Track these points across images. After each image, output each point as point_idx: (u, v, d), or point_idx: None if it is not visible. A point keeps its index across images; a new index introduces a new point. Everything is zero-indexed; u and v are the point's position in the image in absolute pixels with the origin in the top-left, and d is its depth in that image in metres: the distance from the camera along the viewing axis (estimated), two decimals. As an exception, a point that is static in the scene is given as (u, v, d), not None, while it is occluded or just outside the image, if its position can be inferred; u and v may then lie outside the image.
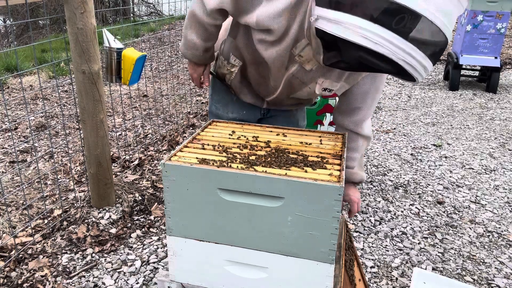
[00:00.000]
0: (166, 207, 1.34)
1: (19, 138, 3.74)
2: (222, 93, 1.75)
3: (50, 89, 5.08)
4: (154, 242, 2.35)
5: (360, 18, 1.04)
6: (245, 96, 1.70)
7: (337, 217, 1.20)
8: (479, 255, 2.30)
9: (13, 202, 2.68)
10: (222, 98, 1.76)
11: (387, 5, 1.02)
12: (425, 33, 1.06)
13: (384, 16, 1.02)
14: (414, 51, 1.05)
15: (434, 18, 1.03)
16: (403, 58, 1.05)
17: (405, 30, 1.04)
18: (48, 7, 9.07)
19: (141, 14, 11.74)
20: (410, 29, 1.05)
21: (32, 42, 3.00)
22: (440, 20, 1.03)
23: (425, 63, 1.08)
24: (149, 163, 3.25)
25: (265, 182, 1.22)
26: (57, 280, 2.05)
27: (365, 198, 2.84)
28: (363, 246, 2.34)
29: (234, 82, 1.66)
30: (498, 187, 3.04)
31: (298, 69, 1.46)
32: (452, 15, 1.06)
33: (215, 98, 1.80)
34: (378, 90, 1.52)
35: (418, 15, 1.02)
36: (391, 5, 1.01)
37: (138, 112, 4.37)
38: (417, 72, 1.09)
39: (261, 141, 1.50)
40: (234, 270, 1.37)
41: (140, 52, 2.27)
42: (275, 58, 1.42)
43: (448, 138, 3.95)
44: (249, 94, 1.70)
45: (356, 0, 1.05)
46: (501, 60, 5.62)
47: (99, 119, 2.41)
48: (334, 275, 1.28)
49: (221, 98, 1.76)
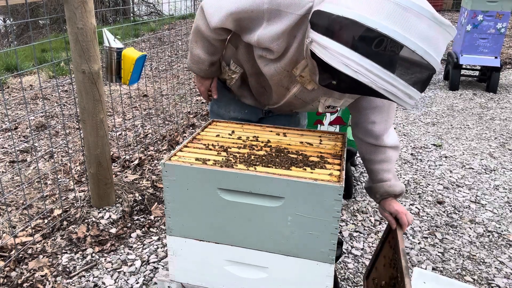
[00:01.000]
0: (166, 207, 1.34)
1: (19, 138, 3.74)
2: (224, 92, 1.75)
3: (50, 89, 5.08)
4: (154, 242, 2.35)
5: (343, 45, 1.04)
6: (246, 99, 1.71)
7: (337, 217, 1.20)
8: (479, 255, 2.30)
9: (13, 202, 2.68)
10: (223, 97, 1.76)
11: (367, 34, 1.01)
12: (407, 62, 1.04)
13: (364, 44, 1.02)
14: (394, 79, 1.04)
15: (416, 47, 1.01)
16: (383, 86, 1.04)
17: (385, 58, 1.03)
18: (48, 7, 9.07)
19: (141, 14, 11.73)
20: (391, 57, 1.03)
21: (32, 42, 3.00)
22: (423, 49, 1.02)
23: (408, 91, 1.07)
24: (149, 163, 3.25)
25: (265, 182, 1.22)
26: (57, 280, 2.05)
27: (365, 198, 2.84)
28: (363, 246, 2.34)
29: (234, 87, 1.67)
30: (498, 187, 3.04)
31: (300, 90, 1.47)
32: (438, 43, 1.04)
33: (218, 98, 1.80)
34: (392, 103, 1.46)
35: (399, 44, 1.01)
36: (371, 33, 1.01)
37: (138, 112, 4.36)
38: (400, 100, 1.08)
39: (261, 141, 1.50)
40: (234, 270, 1.37)
41: (140, 52, 2.27)
42: (273, 75, 1.43)
43: (448, 138, 3.95)
44: (249, 97, 1.70)
45: (340, 28, 1.05)
46: (501, 60, 5.61)
47: (99, 119, 2.41)
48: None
49: (222, 97, 1.76)
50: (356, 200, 2.81)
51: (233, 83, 1.65)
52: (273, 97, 1.57)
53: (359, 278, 2.10)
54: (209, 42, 1.51)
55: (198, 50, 1.55)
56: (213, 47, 1.53)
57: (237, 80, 1.63)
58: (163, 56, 6.38)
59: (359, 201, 2.80)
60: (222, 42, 1.53)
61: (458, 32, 5.59)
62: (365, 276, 1.70)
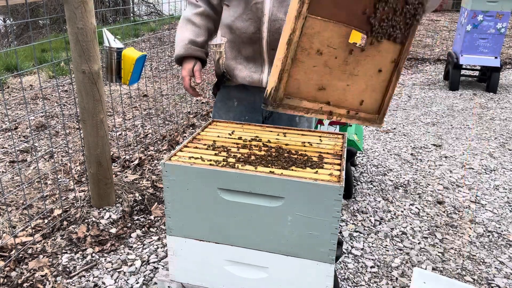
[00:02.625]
0: (166, 207, 1.34)
1: (19, 138, 3.74)
2: (224, 100, 1.77)
3: (50, 89, 5.08)
4: (154, 242, 2.35)
5: None
6: (241, 72, 1.66)
7: (337, 217, 1.20)
8: (479, 255, 2.30)
9: (13, 202, 2.68)
10: (224, 105, 1.77)
11: None
12: None
13: None
14: None
15: None
16: None
17: None
18: (48, 6, 9.07)
19: (141, 14, 11.73)
20: None
21: (32, 42, 3.00)
22: None
23: None
24: (149, 163, 3.26)
25: (265, 182, 1.22)
26: (57, 280, 2.05)
27: (365, 198, 2.84)
28: (363, 246, 2.34)
29: (227, 62, 1.67)
30: (498, 187, 3.04)
31: None
32: None
33: (217, 105, 1.82)
34: None
35: None
36: None
37: (138, 112, 4.37)
38: None
39: (261, 141, 1.50)
40: (234, 270, 1.37)
41: (140, 52, 2.27)
42: None
43: (448, 138, 3.95)
44: (245, 69, 1.66)
45: None
46: (501, 60, 5.61)
47: (99, 119, 2.41)
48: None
49: (223, 105, 1.77)
50: (356, 200, 2.81)
51: (225, 57, 1.66)
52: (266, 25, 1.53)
53: (359, 278, 2.11)
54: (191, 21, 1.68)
55: (180, 34, 1.69)
56: (195, 26, 1.67)
57: (227, 52, 1.65)
58: (163, 56, 6.38)
59: (359, 201, 2.80)
60: (202, 17, 1.68)
61: (458, 32, 5.60)
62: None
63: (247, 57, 1.63)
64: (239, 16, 1.57)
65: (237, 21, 1.58)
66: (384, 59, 1.34)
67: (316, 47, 1.12)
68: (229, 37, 1.63)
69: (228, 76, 1.70)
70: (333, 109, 1.30)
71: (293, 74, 1.10)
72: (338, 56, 1.20)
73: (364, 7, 1.18)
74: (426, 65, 6.79)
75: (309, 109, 1.21)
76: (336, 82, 1.24)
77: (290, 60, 1.06)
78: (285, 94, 1.11)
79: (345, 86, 1.27)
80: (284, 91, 1.10)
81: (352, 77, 1.28)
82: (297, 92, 1.15)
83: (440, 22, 10.23)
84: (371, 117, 1.45)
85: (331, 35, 1.14)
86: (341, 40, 1.18)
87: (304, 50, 1.09)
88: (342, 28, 1.15)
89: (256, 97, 1.71)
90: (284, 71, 1.06)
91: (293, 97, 1.15)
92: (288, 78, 1.08)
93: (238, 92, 1.75)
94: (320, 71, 1.17)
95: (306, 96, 1.20)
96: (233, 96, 1.76)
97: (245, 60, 1.64)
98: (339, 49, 1.18)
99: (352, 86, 1.30)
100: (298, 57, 1.08)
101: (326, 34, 1.12)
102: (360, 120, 1.41)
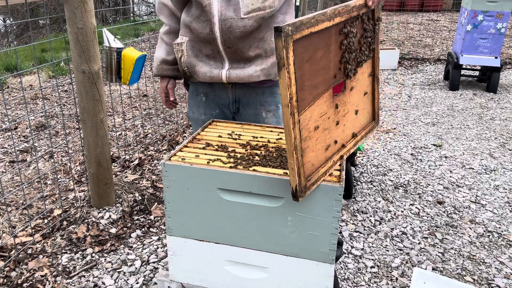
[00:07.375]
0: (166, 207, 1.34)
1: (19, 138, 3.74)
2: (194, 96, 1.85)
3: (50, 89, 5.08)
4: (154, 242, 2.35)
5: None
6: (202, 68, 1.70)
7: (337, 217, 1.20)
8: (479, 255, 2.30)
9: (13, 202, 2.68)
10: (194, 100, 1.85)
11: None
12: None
13: None
14: None
15: None
16: None
17: None
18: (48, 6, 9.07)
19: (141, 14, 11.73)
20: None
21: (32, 42, 3.00)
22: None
23: None
24: (149, 163, 3.25)
25: (265, 182, 1.22)
26: (57, 280, 2.05)
27: (365, 198, 2.84)
28: (363, 246, 2.34)
29: (189, 60, 1.71)
30: (498, 187, 3.04)
31: None
32: None
33: (189, 102, 1.90)
34: None
35: None
36: None
37: (138, 112, 4.36)
38: None
39: (261, 141, 1.50)
40: (234, 270, 1.37)
41: (140, 52, 2.26)
42: None
43: (448, 138, 3.95)
44: (205, 66, 1.69)
45: None
46: (501, 60, 5.61)
47: (99, 119, 2.41)
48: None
49: (194, 102, 1.85)
50: (356, 200, 2.81)
51: (186, 55, 1.70)
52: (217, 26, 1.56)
53: (359, 278, 2.11)
54: (162, 41, 1.83)
55: (156, 53, 1.85)
56: (165, 44, 1.82)
57: (187, 50, 1.69)
58: (163, 56, 6.37)
59: (359, 201, 2.80)
60: (169, 34, 1.81)
61: (458, 32, 5.59)
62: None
63: (208, 55, 1.68)
64: (197, 17, 1.62)
65: (194, 23, 1.63)
66: (364, 81, 1.40)
67: (313, 126, 1.16)
68: (190, 37, 1.69)
69: (189, 73, 1.75)
70: (342, 152, 1.33)
71: (305, 161, 1.14)
72: (330, 115, 1.24)
73: (334, 71, 1.21)
74: (426, 65, 6.79)
75: (327, 171, 1.24)
76: (335, 132, 1.28)
77: (300, 157, 1.10)
78: (306, 179, 1.14)
79: (342, 127, 1.32)
80: (304, 179, 1.13)
81: (345, 115, 1.33)
82: (313, 167, 1.18)
83: (440, 22, 10.23)
84: (370, 127, 1.51)
85: (320, 108, 1.18)
86: (328, 103, 1.21)
87: (306, 138, 1.13)
88: (324, 95, 1.18)
89: (221, 92, 1.77)
90: (299, 168, 1.10)
91: (312, 175, 1.17)
92: (303, 167, 1.13)
93: (204, 88, 1.81)
94: (322, 138, 1.21)
95: (320, 163, 1.22)
96: (200, 91, 1.82)
97: (206, 58, 1.69)
98: (329, 111, 1.22)
99: (347, 123, 1.35)
100: (303, 147, 1.11)
101: (316, 112, 1.16)
102: (365, 136, 1.47)
